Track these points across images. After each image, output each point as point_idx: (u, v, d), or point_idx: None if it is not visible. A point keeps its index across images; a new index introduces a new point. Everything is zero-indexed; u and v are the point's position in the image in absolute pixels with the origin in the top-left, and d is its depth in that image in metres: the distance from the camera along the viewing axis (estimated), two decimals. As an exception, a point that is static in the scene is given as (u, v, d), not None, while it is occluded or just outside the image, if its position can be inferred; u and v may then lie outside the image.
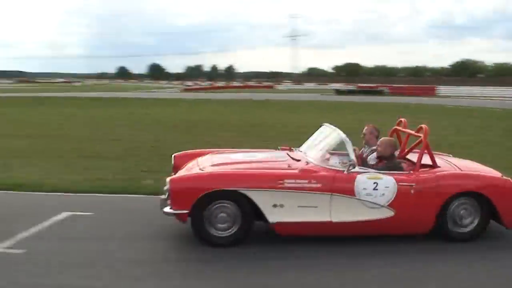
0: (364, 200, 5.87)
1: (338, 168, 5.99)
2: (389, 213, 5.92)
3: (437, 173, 6.17)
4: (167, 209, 5.88)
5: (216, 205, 5.87)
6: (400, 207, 5.92)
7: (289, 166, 6.19)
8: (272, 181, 5.81)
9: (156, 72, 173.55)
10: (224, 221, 5.91)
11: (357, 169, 5.99)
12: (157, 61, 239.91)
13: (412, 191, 5.94)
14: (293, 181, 5.81)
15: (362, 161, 6.57)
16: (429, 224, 6.10)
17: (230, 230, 5.93)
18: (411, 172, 6.18)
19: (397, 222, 5.98)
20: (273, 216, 5.83)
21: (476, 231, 6.20)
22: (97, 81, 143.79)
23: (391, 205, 5.91)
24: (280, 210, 5.81)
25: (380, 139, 6.61)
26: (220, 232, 5.93)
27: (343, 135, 6.14)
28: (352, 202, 5.86)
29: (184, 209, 5.80)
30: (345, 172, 5.92)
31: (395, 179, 5.97)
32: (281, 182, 5.79)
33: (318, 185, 5.81)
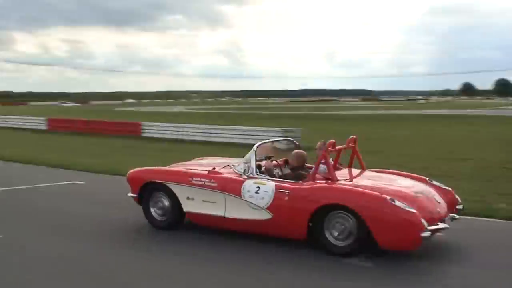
0: (248, 202, 6.76)
1: (240, 173, 7.05)
2: (267, 215, 6.63)
3: (312, 185, 6.58)
4: (129, 193, 7.91)
5: (157, 194, 7.59)
6: (276, 211, 6.57)
7: (211, 169, 7.40)
8: (184, 177, 7.35)
9: (504, 88, 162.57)
10: (161, 208, 7.60)
11: (253, 174, 6.92)
12: (506, 76, 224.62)
13: (287, 198, 6.50)
14: (198, 179, 7.20)
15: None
16: (302, 231, 6.46)
17: (164, 216, 7.57)
18: (299, 181, 6.72)
19: (274, 225, 6.64)
20: (186, 207, 7.33)
21: (353, 246, 6.20)
22: (441, 98, 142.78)
23: (269, 209, 6.61)
24: (191, 202, 7.25)
25: (292, 152, 7.48)
26: (159, 217, 7.63)
27: (254, 147, 7.08)
28: (240, 202, 6.84)
29: (134, 194, 7.82)
30: (243, 176, 6.97)
31: (276, 186, 6.66)
32: (191, 179, 7.26)
33: (215, 184, 7.05)
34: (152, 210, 7.68)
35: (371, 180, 6.91)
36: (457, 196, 7.05)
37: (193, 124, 27.18)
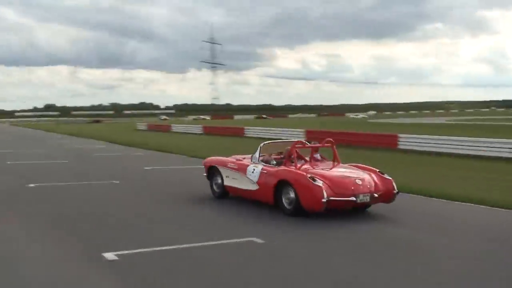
0: (249, 178, 10.50)
1: (250, 160, 10.97)
2: (256, 187, 10.30)
3: (277, 168, 10.08)
4: (204, 174, 12.22)
5: (216, 174, 11.63)
6: (260, 185, 10.20)
7: (242, 158, 11.36)
8: (225, 163, 11.42)
9: None
10: (216, 183, 11.63)
11: (256, 161, 10.68)
12: None
13: (265, 176, 10.09)
14: (230, 164, 11.21)
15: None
16: (271, 198, 9.89)
17: (219, 189, 11.55)
18: (276, 166, 10.24)
19: (259, 194, 10.29)
20: (225, 182, 11.28)
21: (293, 209, 9.37)
22: None
23: (257, 183, 10.27)
24: (228, 178, 11.18)
25: (286, 148, 10.83)
26: (217, 189, 11.62)
27: (261, 144, 10.99)
28: (246, 178, 10.60)
29: (205, 174, 12.04)
30: (250, 162, 10.80)
31: (262, 168, 10.30)
32: (227, 164, 11.30)
33: (236, 167, 10.98)
34: (213, 185, 11.77)
35: (330, 168, 10.18)
36: (394, 184, 9.74)
37: (455, 136, 25.83)
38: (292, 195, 9.34)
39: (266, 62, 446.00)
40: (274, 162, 10.39)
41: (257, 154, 10.75)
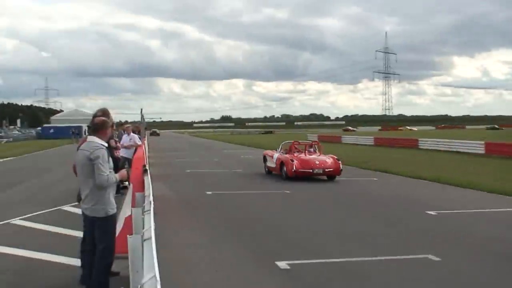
0: (273, 161, 19.67)
1: (278, 153, 20.06)
2: (275, 165, 19.31)
3: (283, 155, 19.04)
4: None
5: (265, 160, 21.15)
6: (276, 164, 19.18)
7: (275, 151, 20.69)
8: (267, 154, 21.37)
9: None
10: (266, 165, 20.95)
11: (278, 152, 19.90)
12: None
13: (278, 159, 19.05)
14: (269, 154, 21.03)
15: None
16: (279, 171, 18.62)
17: (267, 169, 20.76)
18: (286, 155, 19.26)
19: (275, 169, 19.32)
20: (267, 164, 20.64)
21: (285, 176, 17.96)
22: None
23: (275, 163, 19.28)
24: (268, 162, 20.62)
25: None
26: (266, 169, 20.87)
27: (281, 144, 21.02)
28: (272, 161, 19.81)
29: (263, 160, 21.82)
30: (276, 152, 20.34)
31: (278, 155, 19.37)
32: (268, 154, 21.17)
33: (271, 155, 20.43)
34: (264, 166, 20.60)
35: (312, 156, 18.46)
36: (341, 165, 17.89)
37: None
38: (284, 169, 17.81)
39: (443, 71, 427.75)
40: (285, 152, 19.11)
41: (279, 148, 20.13)
